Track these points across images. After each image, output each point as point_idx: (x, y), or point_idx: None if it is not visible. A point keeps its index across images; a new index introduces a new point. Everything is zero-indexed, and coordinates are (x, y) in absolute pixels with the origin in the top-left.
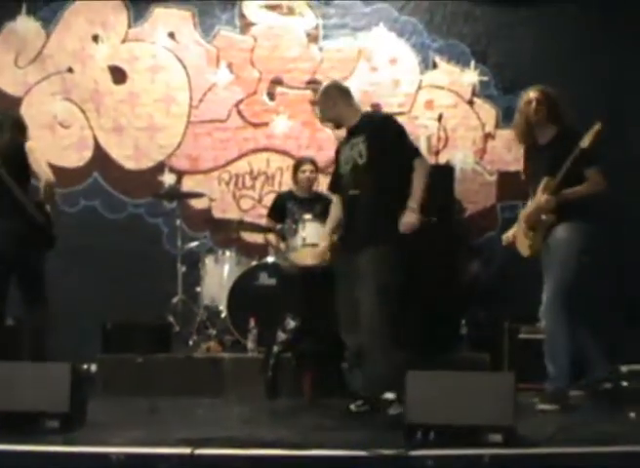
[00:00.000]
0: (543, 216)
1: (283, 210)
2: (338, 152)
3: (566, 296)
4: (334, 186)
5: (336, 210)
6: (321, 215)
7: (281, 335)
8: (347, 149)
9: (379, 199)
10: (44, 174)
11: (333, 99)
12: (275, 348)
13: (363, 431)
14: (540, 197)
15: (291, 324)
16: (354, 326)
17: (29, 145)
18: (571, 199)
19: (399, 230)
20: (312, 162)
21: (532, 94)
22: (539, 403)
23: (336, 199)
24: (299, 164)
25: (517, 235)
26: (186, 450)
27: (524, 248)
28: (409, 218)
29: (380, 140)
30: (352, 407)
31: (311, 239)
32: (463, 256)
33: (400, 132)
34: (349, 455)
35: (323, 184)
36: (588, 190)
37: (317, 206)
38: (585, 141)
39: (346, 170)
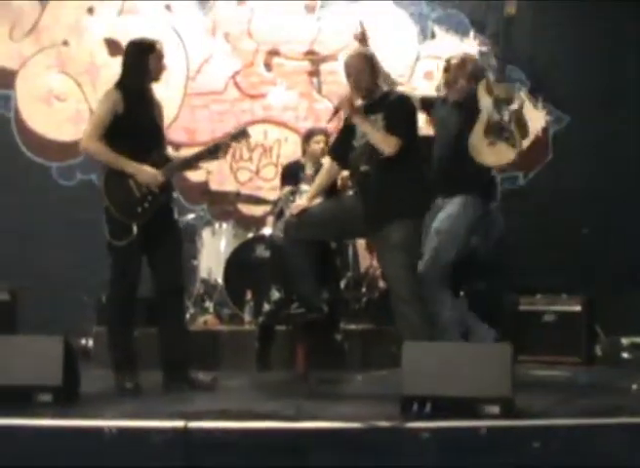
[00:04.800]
0: None
1: (297, 177)
2: (348, 121)
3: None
4: (335, 152)
5: (324, 176)
6: None
7: (266, 307)
8: None
9: (394, 175)
10: None
11: (369, 67)
12: (260, 319)
13: (358, 403)
14: None
15: (275, 295)
16: None
17: None
18: None
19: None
20: (326, 133)
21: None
22: None
23: (327, 165)
24: (311, 134)
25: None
26: (180, 424)
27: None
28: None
29: (398, 119)
30: None
31: None
32: None
33: (412, 113)
34: (344, 427)
35: None
36: None
37: None
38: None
39: (361, 143)
